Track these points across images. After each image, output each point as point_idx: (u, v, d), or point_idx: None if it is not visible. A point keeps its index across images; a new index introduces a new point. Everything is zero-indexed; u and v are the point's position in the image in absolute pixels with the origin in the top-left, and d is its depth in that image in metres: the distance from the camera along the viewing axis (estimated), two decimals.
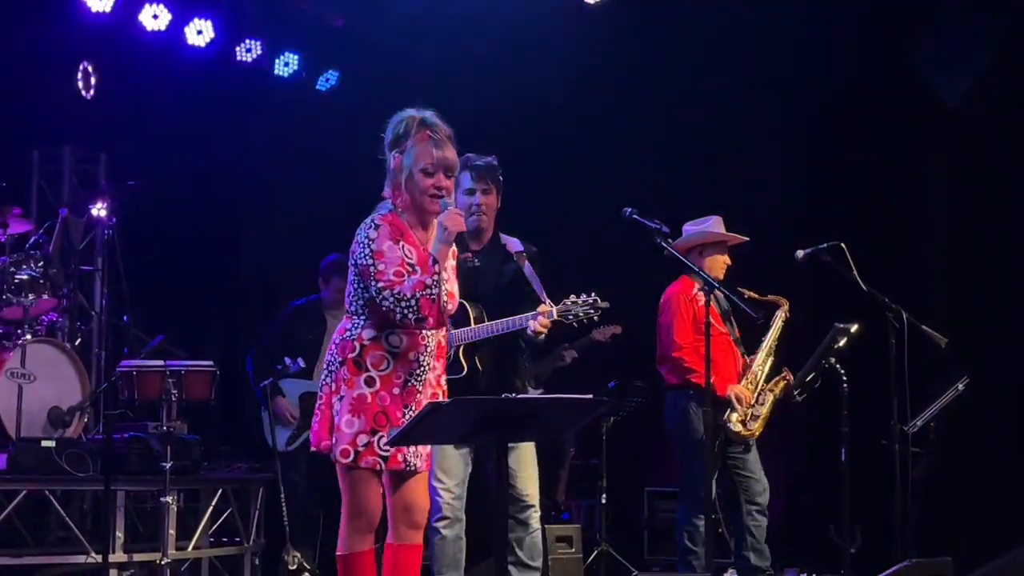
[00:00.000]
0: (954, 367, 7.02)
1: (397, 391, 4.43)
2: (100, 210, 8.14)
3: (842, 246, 6.33)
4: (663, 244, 5.60)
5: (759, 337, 6.85)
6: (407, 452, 4.46)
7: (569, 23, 8.88)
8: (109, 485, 6.28)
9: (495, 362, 5.46)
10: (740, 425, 6.60)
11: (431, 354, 4.50)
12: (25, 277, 7.03)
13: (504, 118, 8.75)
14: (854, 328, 6.48)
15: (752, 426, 6.63)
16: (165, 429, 6.56)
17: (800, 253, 6.48)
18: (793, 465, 8.51)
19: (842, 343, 6.44)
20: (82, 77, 8.81)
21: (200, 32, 8.97)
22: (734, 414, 6.58)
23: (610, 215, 5.78)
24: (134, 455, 6.77)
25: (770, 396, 6.70)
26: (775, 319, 6.82)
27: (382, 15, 8.94)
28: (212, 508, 7.01)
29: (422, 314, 4.34)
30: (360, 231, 4.44)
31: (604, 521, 7.95)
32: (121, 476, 6.56)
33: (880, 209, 8.45)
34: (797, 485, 8.52)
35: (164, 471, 6.41)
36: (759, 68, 8.80)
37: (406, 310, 4.33)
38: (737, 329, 6.88)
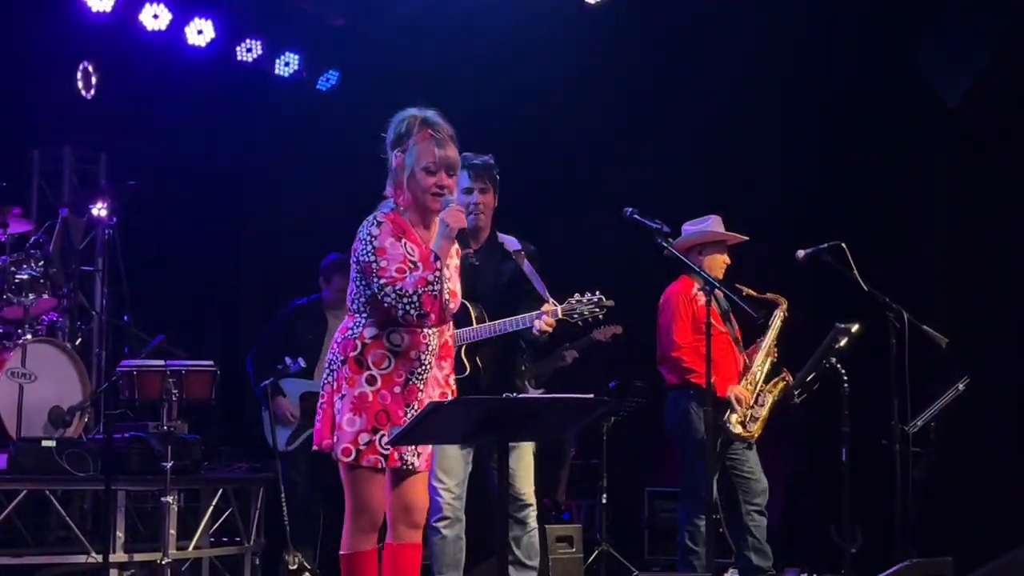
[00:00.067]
0: (954, 367, 7.02)
1: (398, 390, 4.42)
2: (100, 210, 8.14)
3: (843, 246, 6.33)
4: (663, 244, 5.61)
5: (758, 336, 6.85)
6: (404, 451, 4.45)
7: (569, 23, 8.88)
8: (109, 485, 6.29)
9: (496, 362, 5.46)
10: (739, 426, 6.60)
11: (432, 353, 4.50)
12: (25, 277, 7.03)
13: (504, 118, 8.74)
14: (855, 328, 6.48)
15: (751, 427, 6.63)
16: (165, 429, 6.56)
17: (801, 253, 6.48)
18: (793, 465, 8.51)
19: (843, 343, 6.44)
20: (82, 77, 8.82)
21: (200, 32, 8.96)
22: (733, 415, 6.58)
23: (610, 215, 5.77)
24: (135, 455, 6.77)
25: (769, 397, 6.70)
26: (774, 319, 6.82)
27: (382, 15, 8.94)
28: (213, 508, 7.01)
29: (424, 310, 4.34)
30: (362, 229, 4.45)
31: (605, 521, 7.95)
32: (121, 476, 6.56)
33: (880, 209, 8.44)
34: (797, 485, 8.52)
35: (165, 471, 6.41)
36: (759, 68, 8.80)
37: (408, 306, 4.33)
38: (737, 328, 6.88)
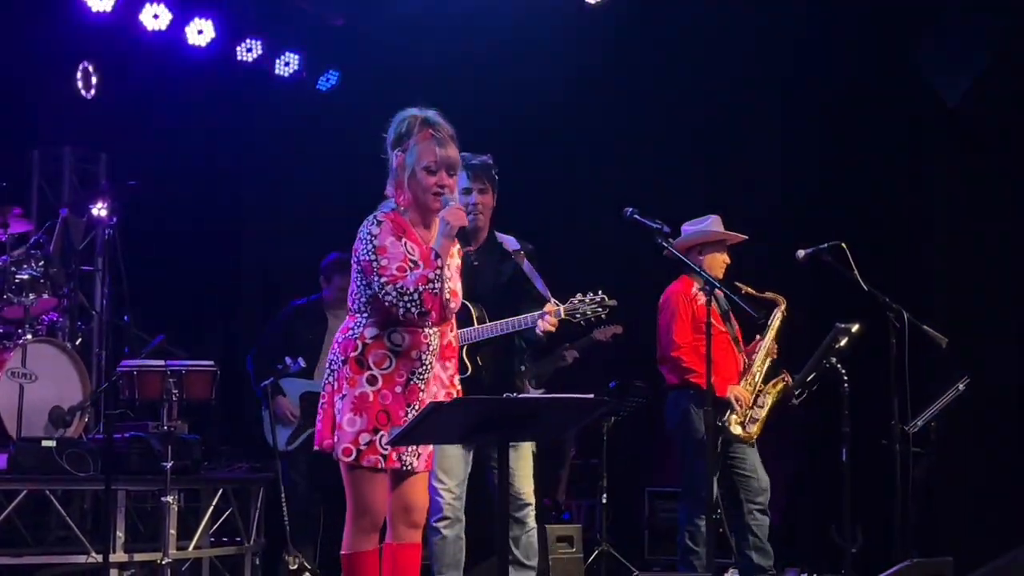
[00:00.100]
0: (954, 367, 7.02)
1: (399, 390, 4.42)
2: (100, 210, 8.14)
3: (843, 246, 6.33)
4: (663, 244, 5.61)
5: (758, 336, 6.85)
6: (403, 451, 4.45)
7: (569, 23, 8.88)
8: (110, 485, 6.29)
9: (495, 362, 5.46)
10: (739, 427, 6.59)
11: (433, 353, 4.49)
12: (26, 277, 7.03)
13: (504, 117, 8.74)
14: (855, 328, 6.48)
15: (751, 428, 6.63)
16: (166, 429, 6.56)
17: (801, 253, 6.48)
18: (794, 465, 8.50)
19: (843, 343, 6.44)
20: (82, 77, 8.81)
21: (201, 32, 8.96)
22: (733, 415, 6.58)
23: (610, 215, 5.77)
24: (135, 455, 6.77)
25: (769, 398, 6.69)
26: (773, 318, 6.81)
27: (382, 15, 8.94)
28: (213, 508, 7.01)
29: (425, 308, 4.35)
30: (362, 228, 4.46)
31: (605, 521, 7.95)
32: (122, 476, 6.57)
33: (880, 209, 8.44)
34: (798, 485, 8.51)
35: (165, 471, 6.41)
36: (759, 68, 8.80)
37: (409, 304, 4.34)
38: (737, 328, 6.88)
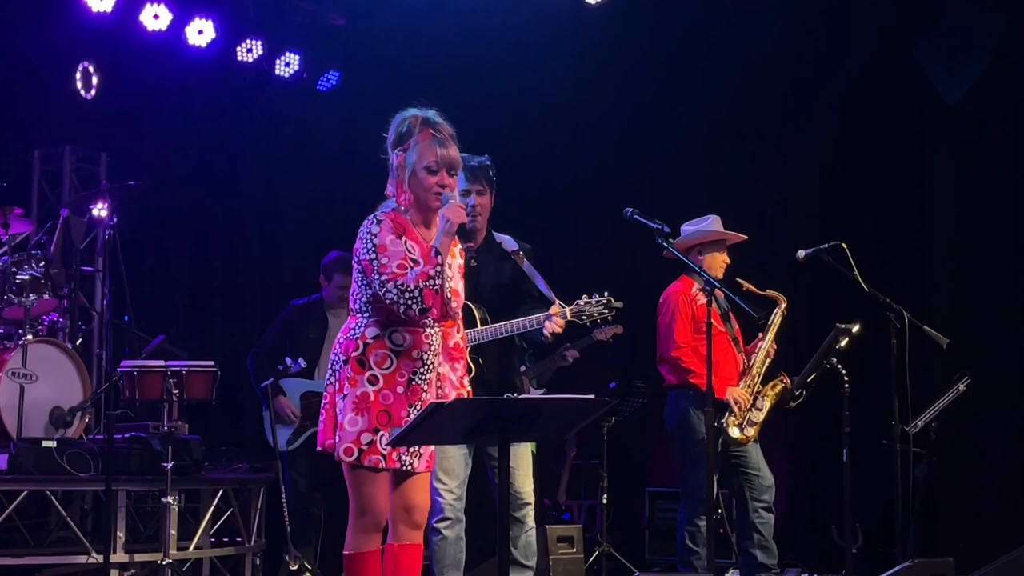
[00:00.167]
0: (955, 367, 7.02)
1: (401, 389, 4.42)
2: (101, 210, 8.13)
3: (843, 246, 6.33)
4: (664, 244, 5.60)
5: (758, 335, 6.84)
6: (403, 451, 4.45)
7: (569, 23, 8.88)
8: (110, 485, 6.29)
9: (496, 362, 5.46)
10: (736, 429, 6.58)
11: (435, 353, 4.50)
12: (26, 277, 7.02)
13: (504, 117, 8.74)
14: (855, 328, 6.48)
15: (748, 431, 6.61)
16: (166, 429, 6.57)
17: (801, 253, 6.48)
18: (795, 465, 8.50)
19: (843, 343, 6.44)
20: (83, 77, 8.81)
21: (201, 32, 8.95)
22: (731, 417, 6.57)
23: (611, 215, 5.77)
24: (135, 455, 6.78)
25: (767, 401, 6.68)
26: (774, 317, 6.78)
27: (383, 15, 8.93)
28: (213, 508, 7.01)
29: (426, 305, 4.35)
30: (363, 228, 4.47)
31: (605, 521, 7.95)
32: (122, 476, 6.57)
33: (880, 209, 8.44)
34: (799, 485, 8.51)
35: (165, 471, 6.41)
36: (759, 68, 8.79)
37: (410, 301, 4.34)
38: (737, 328, 6.87)
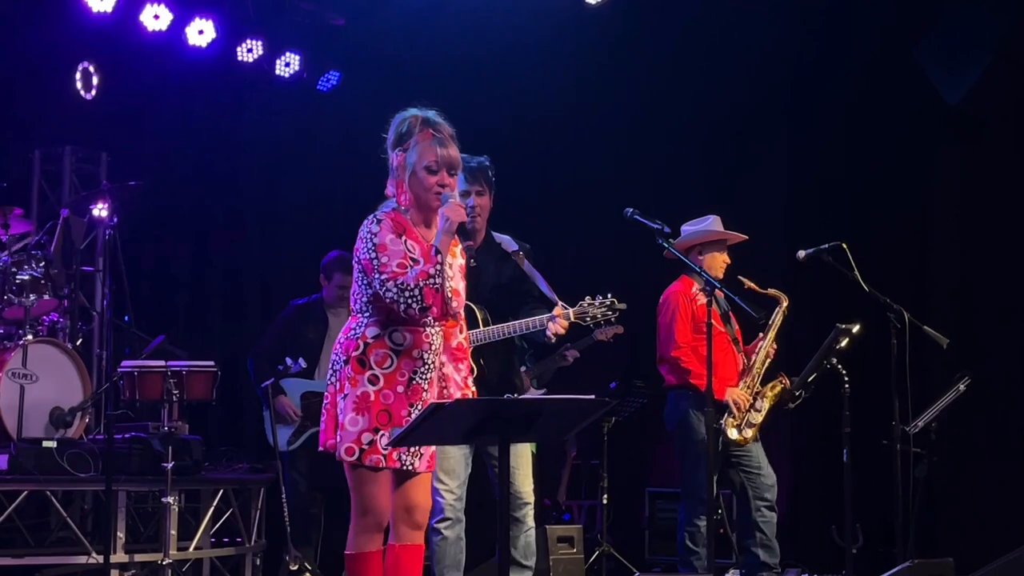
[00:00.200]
0: (955, 367, 7.02)
1: (401, 389, 4.43)
2: (101, 210, 8.14)
3: (843, 246, 6.33)
4: (664, 244, 5.60)
5: (759, 334, 6.83)
6: (403, 451, 4.45)
7: (569, 23, 8.88)
8: (110, 485, 6.29)
9: (497, 362, 5.46)
10: (735, 430, 6.58)
11: (436, 352, 4.50)
12: (26, 277, 7.02)
13: (505, 117, 8.74)
14: (855, 328, 6.48)
15: (746, 433, 6.61)
16: (166, 429, 6.57)
17: (801, 253, 6.48)
18: (795, 465, 8.50)
19: (844, 343, 6.44)
20: (83, 77, 8.81)
21: (201, 32, 8.94)
22: (729, 419, 6.56)
23: (611, 215, 5.77)
24: (135, 455, 6.78)
25: (766, 402, 6.67)
26: (774, 317, 6.76)
27: (383, 15, 8.93)
28: (213, 508, 7.01)
29: (426, 303, 4.35)
30: (363, 228, 4.48)
31: (605, 521, 7.95)
32: (122, 476, 6.57)
33: (881, 209, 8.44)
34: (799, 485, 8.51)
35: (165, 471, 6.41)
36: (759, 68, 8.78)
37: (410, 299, 4.34)
38: (737, 328, 6.87)
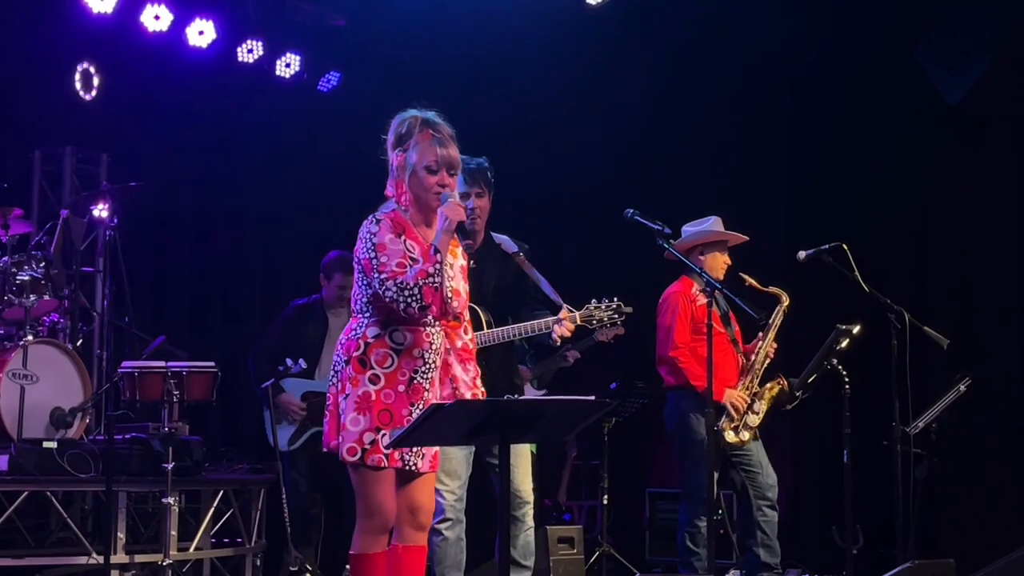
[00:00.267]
0: (955, 368, 7.02)
1: (402, 388, 4.43)
2: (101, 211, 8.13)
3: (843, 247, 6.33)
4: (664, 245, 5.60)
5: (759, 333, 6.82)
6: (405, 451, 4.45)
7: (570, 23, 8.88)
8: (110, 486, 6.29)
9: (499, 363, 5.46)
10: (732, 432, 6.57)
11: (437, 352, 4.50)
12: (27, 278, 7.02)
13: (505, 118, 8.73)
14: (856, 329, 6.48)
15: (744, 434, 6.61)
16: (166, 430, 6.57)
17: (802, 254, 6.48)
18: (796, 466, 8.49)
19: (844, 344, 6.44)
20: (83, 78, 8.81)
21: (201, 33, 8.94)
22: (727, 421, 6.55)
23: (612, 216, 5.77)
24: (135, 456, 6.77)
25: (764, 404, 6.67)
26: (774, 316, 6.75)
27: (384, 16, 8.93)
28: (213, 509, 7.01)
29: (425, 302, 4.35)
30: (362, 228, 4.49)
31: (606, 522, 7.94)
32: (122, 477, 6.57)
33: (881, 210, 8.43)
34: (800, 486, 8.51)
35: (166, 472, 6.42)
36: (760, 69, 8.78)
37: (409, 298, 4.34)
38: (737, 328, 6.86)
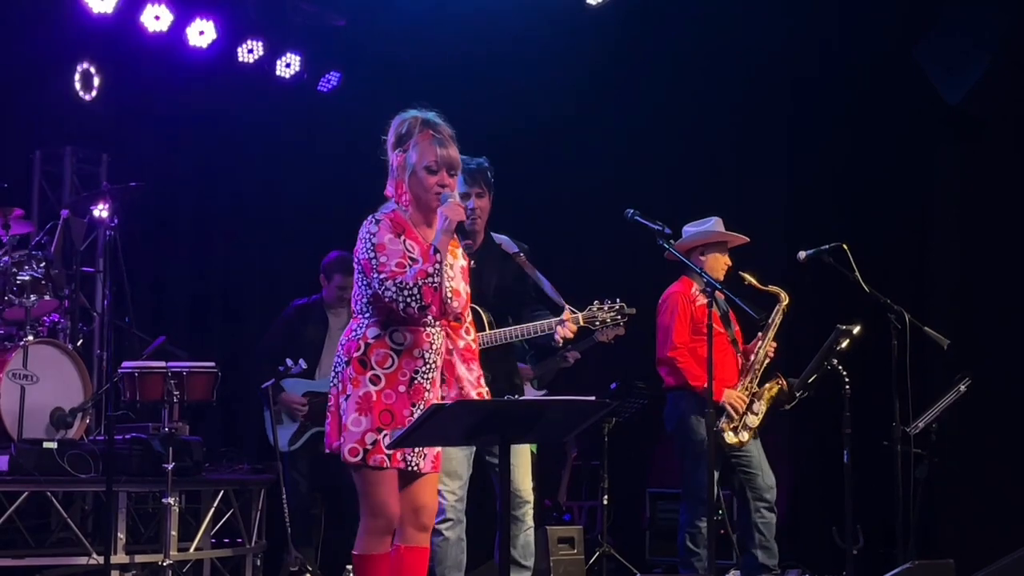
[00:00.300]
0: (955, 368, 7.01)
1: (403, 388, 4.43)
2: (102, 211, 8.13)
3: (844, 247, 6.33)
4: (665, 245, 5.60)
5: (759, 333, 6.82)
6: (407, 451, 4.45)
7: (570, 23, 8.88)
8: (111, 486, 6.29)
9: (501, 364, 5.46)
10: (731, 433, 6.57)
11: (437, 352, 4.51)
12: (27, 278, 7.02)
13: (506, 118, 8.74)
14: (856, 330, 6.47)
15: (743, 435, 6.60)
16: (167, 430, 6.57)
17: (802, 254, 6.48)
18: (796, 466, 8.50)
19: (844, 344, 6.44)
20: (83, 78, 8.81)
21: (202, 33, 8.93)
22: (726, 421, 6.55)
23: (612, 216, 5.77)
24: (136, 456, 6.77)
25: (763, 405, 6.66)
26: (773, 316, 6.74)
27: (384, 16, 8.93)
28: (214, 509, 7.01)
29: (424, 302, 4.36)
30: (362, 229, 4.50)
31: (606, 522, 7.95)
32: (123, 477, 6.57)
33: (882, 210, 8.43)
34: (800, 486, 8.51)
35: (166, 472, 6.42)
36: (761, 69, 8.78)
37: (408, 298, 4.35)
38: (737, 329, 6.85)
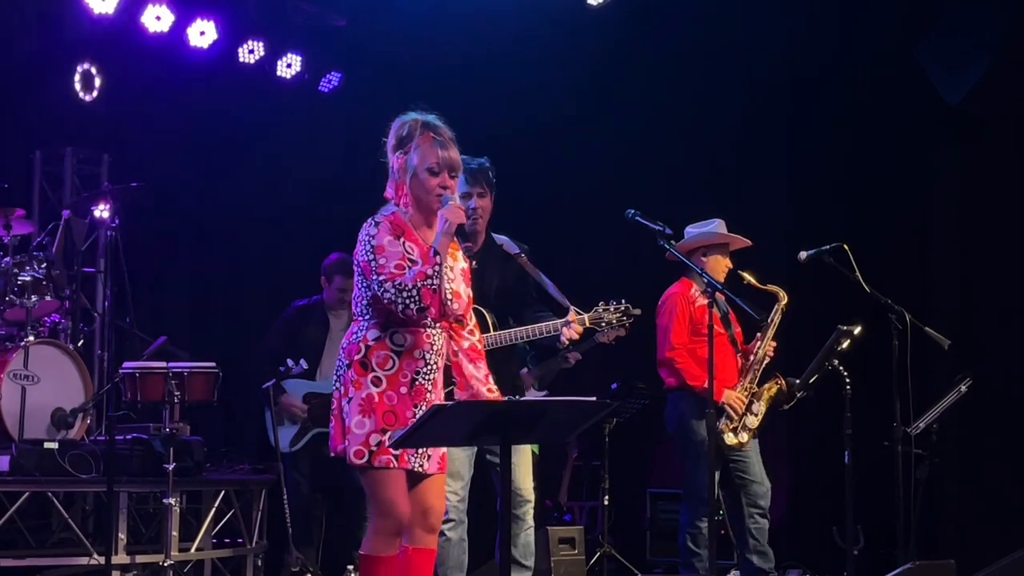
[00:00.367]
0: (956, 368, 7.02)
1: (404, 390, 4.43)
2: (103, 211, 8.13)
3: (844, 248, 6.33)
4: (666, 245, 5.61)
5: (759, 333, 6.82)
6: (411, 452, 4.46)
7: (571, 24, 8.88)
8: (112, 487, 6.30)
9: (503, 364, 5.45)
10: (731, 434, 6.57)
11: (438, 353, 4.51)
12: (28, 279, 7.03)
13: (506, 118, 8.74)
14: (857, 330, 6.47)
15: (743, 436, 6.60)
16: (167, 430, 6.58)
17: (803, 255, 6.48)
18: (796, 467, 8.50)
19: (845, 345, 6.44)
20: (84, 79, 8.81)
21: (203, 33, 8.94)
22: (725, 422, 6.55)
23: (613, 216, 5.77)
24: (136, 456, 6.78)
25: (763, 405, 6.66)
26: (773, 315, 6.73)
27: (385, 16, 8.93)
28: (215, 509, 7.01)
29: (424, 303, 4.36)
30: (362, 231, 4.50)
31: (607, 523, 7.95)
32: (123, 477, 6.57)
33: (882, 210, 8.44)
34: (800, 487, 8.51)
35: (167, 472, 6.42)
36: (762, 70, 8.78)
37: (408, 300, 4.35)
38: (738, 330, 6.85)
